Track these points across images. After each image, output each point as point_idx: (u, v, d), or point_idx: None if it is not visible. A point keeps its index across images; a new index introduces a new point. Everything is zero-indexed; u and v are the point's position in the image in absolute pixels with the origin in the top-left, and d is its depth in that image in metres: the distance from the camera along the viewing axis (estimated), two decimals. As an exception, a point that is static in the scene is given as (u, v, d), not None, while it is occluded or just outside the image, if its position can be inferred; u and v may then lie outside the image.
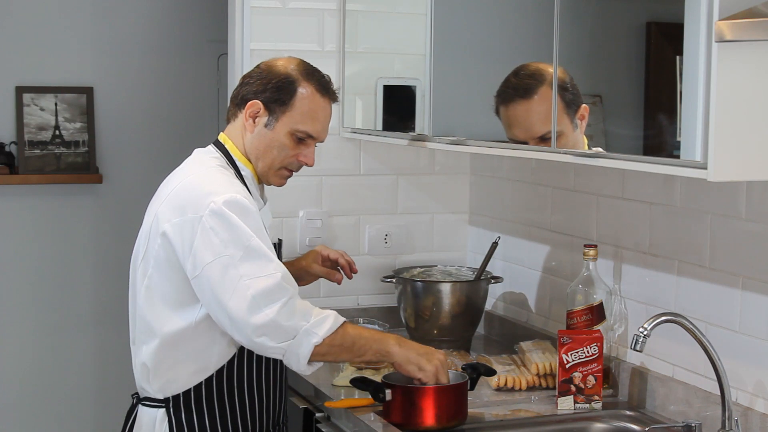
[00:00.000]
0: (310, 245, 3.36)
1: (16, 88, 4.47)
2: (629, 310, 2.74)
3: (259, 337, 2.37)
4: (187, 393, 2.49)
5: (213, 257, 2.37)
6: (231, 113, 2.60)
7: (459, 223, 3.57)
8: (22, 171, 4.45)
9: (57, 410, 4.61)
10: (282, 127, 2.53)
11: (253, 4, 3.28)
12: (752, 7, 1.85)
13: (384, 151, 3.45)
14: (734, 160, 1.90)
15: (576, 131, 2.41)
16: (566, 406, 2.60)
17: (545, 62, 2.44)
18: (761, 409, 2.30)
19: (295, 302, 2.39)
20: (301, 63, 2.59)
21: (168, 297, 2.47)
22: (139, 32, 4.63)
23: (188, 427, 2.49)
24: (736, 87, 1.88)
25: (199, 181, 2.48)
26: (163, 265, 2.46)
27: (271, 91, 2.52)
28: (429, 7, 2.92)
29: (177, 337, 2.46)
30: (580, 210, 2.95)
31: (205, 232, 2.38)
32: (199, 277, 2.39)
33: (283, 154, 2.55)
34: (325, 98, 2.57)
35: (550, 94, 2.42)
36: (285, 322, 2.36)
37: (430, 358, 2.49)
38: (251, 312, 2.35)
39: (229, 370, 2.50)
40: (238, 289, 2.36)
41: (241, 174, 2.55)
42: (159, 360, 2.49)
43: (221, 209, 2.38)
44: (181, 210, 2.42)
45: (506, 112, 2.63)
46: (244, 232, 2.38)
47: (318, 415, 2.72)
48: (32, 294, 4.56)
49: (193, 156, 2.61)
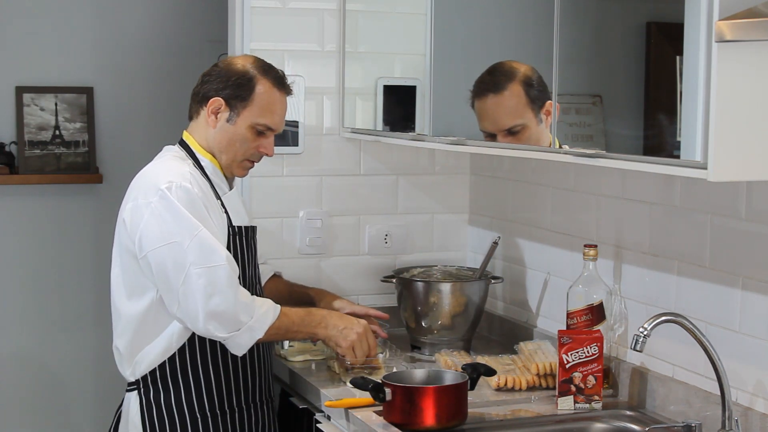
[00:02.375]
0: (310, 245, 3.37)
1: (16, 88, 4.46)
2: (629, 310, 2.74)
3: (209, 323, 2.52)
4: (153, 372, 2.64)
5: (160, 243, 2.53)
6: (193, 110, 2.76)
7: (459, 223, 3.57)
8: (22, 171, 4.45)
9: (57, 410, 4.60)
10: (243, 122, 2.69)
11: (253, 4, 3.28)
12: (752, 7, 1.85)
13: (384, 151, 3.45)
14: (734, 160, 1.90)
15: (540, 125, 2.54)
16: (566, 406, 2.60)
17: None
18: (761, 409, 2.30)
19: (239, 293, 2.55)
20: (257, 60, 2.76)
21: (127, 282, 2.63)
22: (139, 32, 4.63)
23: (156, 404, 2.64)
24: (736, 87, 1.88)
25: (151, 170, 2.66)
26: (124, 251, 2.63)
27: (232, 87, 2.69)
28: (429, 7, 2.92)
29: (138, 319, 2.62)
30: (580, 210, 2.95)
31: (153, 216, 2.54)
32: (146, 257, 2.55)
33: (245, 146, 2.71)
34: (281, 92, 2.74)
35: (520, 91, 2.62)
36: (234, 313, 2.53)
37: (347, 333, 2.71)
38: (203, 300, 2.50)
39: (191, 348, 2.64)
40: (189, 276, 2.50)
41: (201, 165, 2.69)
42: (126, 343, 2.65)
43: (166, 195, 2.53)
44: (134, 196, 2.60)
45: (478, 105, 2.76)
46: (189, 220, 2.53)
47: (318, 415, 2.72)
48: (32, 294, 4.55)
49: (160, 152, 2.77)
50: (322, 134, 3.39)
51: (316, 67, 3.34)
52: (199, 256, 2.51)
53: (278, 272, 3.13)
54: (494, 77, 2.70)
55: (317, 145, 3.38)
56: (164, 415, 2.64)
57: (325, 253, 3.41)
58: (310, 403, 2.82)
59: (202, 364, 2.65)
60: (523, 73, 2.61)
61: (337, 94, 3.39)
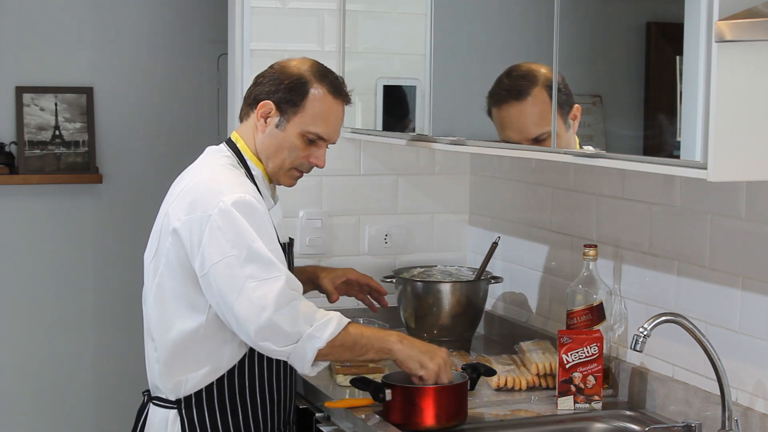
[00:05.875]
0: (310, 245, 3.37)
1: (16, 88, 4.46)
2: (629, 310, 2.74)
3: (263, 340, 2.38)
4: (199, 393, 2.50)
5: (220, 257, 2.39)
6: (243, 112, 2.61)
7: (459, 223, 3.57)
8: (22, 171, 4.45)
9: (57, 410, 4.60)
10: (293, 128, 2.54)
11: (253, 4, 3.28)
12: (752, 7, 1.85)
13: (384, 151, 3.44)
14: (734, 160, 1.90)
15: (569, 131, 2.40)
16: (566, 406, 2.60)
17: (541, 63, 2.45)
18: (761, 409, 2.30)
19: (298, 305, 2.40)
20: (314, 64, 2.60)
21: (178, 296, 2.48)
22: (139, 32, 4.63)
23: (200, 426, 2.50)
24: (736, 87, 1.88)
25: (210, 179, 2.49)
26: (174, 263, 2.47)
27: (284, 91, 2.53)
28: (429, 7, 2.91)
29: (188, 337, 2.48)
30: (580, 210, 2.95)
31: (213, 231, 2.39)
32: (207, 275, 2.40)
33: (294, 155, 2.56)
34: (338, 100, 2.57)
35: (544, 95, 2.41)
36: (287, 326, 2.37)
37: (433, 355, 2.47)
38: (255, 315, 2.36)
39: (240, 370, 2.51)
40: (243, 290, 2.37)
41: (252, 173, 2.56)
42: (170, 360, 2.50)
43: (229, 209, 2.39)
44: (191, 208, 2.44)
45: (499, 113, 2.63)
46: (248, 233, 2.39)
47: (318, 415, 2.72)
48: (32, 294, 4.55)
49: (205, 154, 2.63)
50: (322, 134, 3.39)
51: (316, 67, 3.34)
52: (256, 269, 2.37)
53: None
54: (514, 82, 2.55)
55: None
56: None
57: (325, 253, 3.41)
58: (310, 403, 2.82)
59: (249, 388, 2.53)
60: (546, 76, 2.42)
61: (337, 94, 3.38)
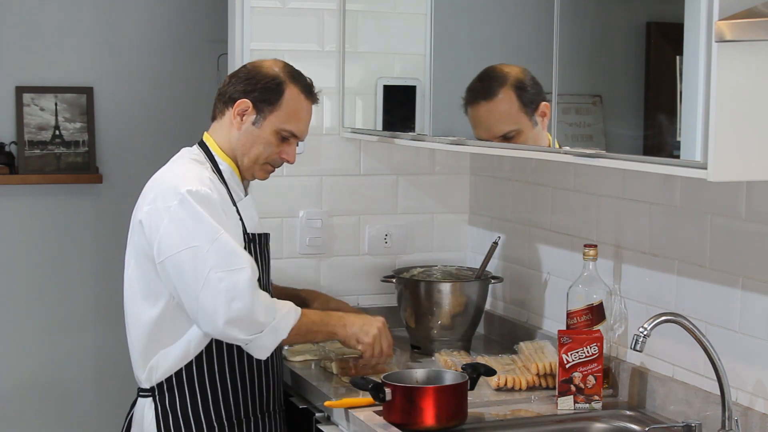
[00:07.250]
0: (310, 245, 3.37)
1: (16, 88, 4.46)
2: (629, 310, 2.74)
3: (231, 329, 2.48)
4: (170, 379, 2.60)
5: (180, 247, 2.49)
6: (218, 111, 2.73)
7: (459, 223, 3.56)
8: (22, 171, 4.45)
9: (57, 410, 4.61)
10: (269, 126, 2.67)
11: (253, 4, 3.28)
12: (752, 7, 1.85)
13: (384, 151, 3.45)
14: (734, 160, 1.90)
15: (536, 128, 2.53)
16: (566, 406, 2.60)
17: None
18: (761, 409, 2.30)
19: (260, 296, 2.52)
20: (286, 65, 2.73)
21: (143, 286, 2.59)
22: (139, 32, 4.63)
23: (172, 411, 2.60)
24: (736, 87, 1.88)
25: (171, 173, 2.63)
26: (140, 254, 2.59)
27: (260, 91, 2.66)
28: (429, 7, 2.92)
29: (153, 324, 2.59)
30: (580, 210, 2.95)
31: (172, 220, 2.51)
32: (164, 263, 2.52)
33: (268, 150, 2.69)
34: (308, 100, 2.73)
35: (512, 95, 2.61)
36: (257, 316, 2.50)
37: (368, 329, 2.69)
38: (224, 304, 2.46)
39: (208, 355, 2.60)
40: (209, 280, 2.47)
41: (219, 168, 2.66)
42: (142, 349, 2.61)
43: (187, 199, 2.50)
44: (153, 199, 2.57)
45: (471, 112, 2.77)
46: (210, 223, 2.50)
47: (318, 415, 2.72)
48: (32, 294, 4.55)
49: (177, 154, 2.74)
50: (322, 134, 3.39)
51: (316, 67, 3.33)
52: (220, 259, 2.47)
53: None
54: (485, 83, 2.69)
55: (317, 145, 3.38)
56: (180, 424, 2.59)
57: (325, 253, 3.41)
58: (310, 403, 2.82)
59: (219, 372, 2.61)
60: (514, 76, 2.60)
61: (337, 94, 3.39)
